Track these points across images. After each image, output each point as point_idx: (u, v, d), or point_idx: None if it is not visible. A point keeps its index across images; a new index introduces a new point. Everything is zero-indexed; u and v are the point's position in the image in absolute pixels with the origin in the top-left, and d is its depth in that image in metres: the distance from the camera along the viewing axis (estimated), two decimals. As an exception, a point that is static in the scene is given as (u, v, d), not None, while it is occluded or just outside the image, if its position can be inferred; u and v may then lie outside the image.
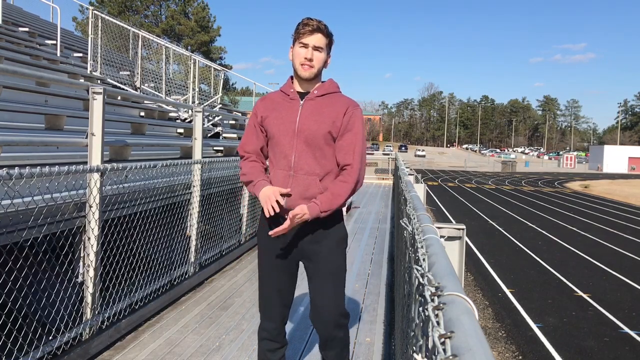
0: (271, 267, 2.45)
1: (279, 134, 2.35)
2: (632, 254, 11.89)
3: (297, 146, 2.32)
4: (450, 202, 22.60)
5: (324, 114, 2.32)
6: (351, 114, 2.34)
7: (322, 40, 2.31)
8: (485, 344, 0.71)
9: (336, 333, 2.44)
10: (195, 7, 54.77)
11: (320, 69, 2.35)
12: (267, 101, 2.47)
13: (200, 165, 5.38)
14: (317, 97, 2.37)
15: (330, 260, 2.40)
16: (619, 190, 33.70)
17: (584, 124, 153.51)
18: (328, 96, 2.38)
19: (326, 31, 2.32)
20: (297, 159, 2.32)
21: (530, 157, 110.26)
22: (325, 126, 2.31)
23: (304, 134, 2.31)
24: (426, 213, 2.20)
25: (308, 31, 2.29)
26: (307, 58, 2.29)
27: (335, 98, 2.39)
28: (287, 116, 2.35)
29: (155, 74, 11.30)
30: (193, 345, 3.71)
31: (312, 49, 2.30)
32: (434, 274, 1.09)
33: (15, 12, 13.83)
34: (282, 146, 2.35)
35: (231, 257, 6.42)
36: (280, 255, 2.42)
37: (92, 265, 3.47)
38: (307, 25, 2.29)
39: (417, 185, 4.89)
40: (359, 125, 2.36)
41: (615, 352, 6.03)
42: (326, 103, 2.35)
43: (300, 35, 2.30)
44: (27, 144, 4.18)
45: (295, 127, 2.32)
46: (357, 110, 2.38)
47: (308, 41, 2.29)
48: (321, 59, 2.33)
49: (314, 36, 2.29)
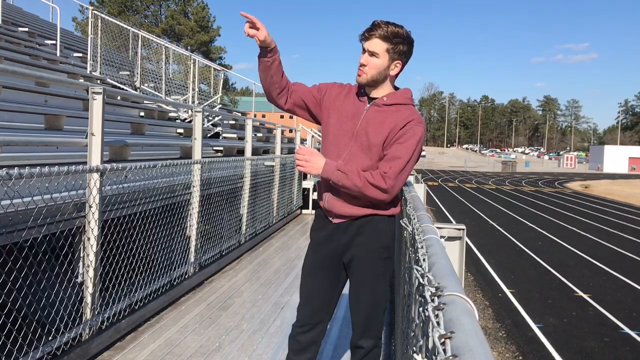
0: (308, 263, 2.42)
1: (337, 131, 2.31)
2: (632, 254, 11.89)
3: (352, 149, 2.27)
4: (450, 202, 22.60)
5: (385, 125, 2.23)
6: (409, 128, 2.20)
7: (380, 46, 2.19)
8: (486, 345, 0.71)
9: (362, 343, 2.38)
10: (195, 7, 54.79)
11: (374, 76, 2.23)
12: (340, 89, 2.39)
13: (200, 165, 5.38)
14: (384, 106, 2.27)
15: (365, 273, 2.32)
16: (619, 191, 33.69)
17: (584, 124, 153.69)
18: (396, 107, 2.27)
19: (386, 35, 2.17)
20: (347, 160, 2.27)
21: (531, 157, 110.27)
22: (381, 136, 2.22)
23: (361, 140, 2.25)
24: (426, 213, 2.20)
25: (367, 35, 2.21)
26: (360, 63, 2.23)
27: (402, 109, 2.26)
28: (349, 115, 2.30)
29: (155, 74, 11.29)
30: (193, 346, 3.71)
31: (368, 54, 2.21)
32: (434, 274, 1.08)
33: (15, 12, 13.83)
34: (337, 143, 2.31)
35: (231, 257, 6.41)
36: (319, 254, 2.38)
37: (91, 266, 3.46)
38: (369, 30, 2.21)
39: (417, 185, 4.88)
40: (413, 140, 2.19)
41: (615, 353, 6.02)
42: (391, 113, 2.25)
43: (361, 39, 2.24)
44: (27, 144, 4.18)
45: (355, 131, 2.27)
46: (418, 128, 2.22)
47: (366, 46, 2.22)
48: (376, 66, 2.21)
49: (372, 41, 2.20)
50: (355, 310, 2.40)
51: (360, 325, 2.39)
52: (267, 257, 6.77)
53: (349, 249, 2.32)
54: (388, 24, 2.19)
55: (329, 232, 2.34)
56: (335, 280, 2.40)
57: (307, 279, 2.42)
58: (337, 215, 2.32)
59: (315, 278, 2.39)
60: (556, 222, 17.08)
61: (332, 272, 2.38)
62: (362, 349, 2.39)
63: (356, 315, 2.40)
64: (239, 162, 7.06)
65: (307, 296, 2.41)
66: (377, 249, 2.30)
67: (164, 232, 4.64)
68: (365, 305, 2.35)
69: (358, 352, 2.41)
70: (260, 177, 8.01)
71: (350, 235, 2.30)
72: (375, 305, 2.36)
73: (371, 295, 2.34)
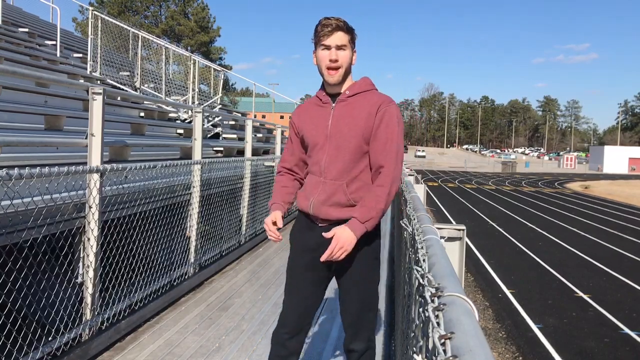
0: (294, 268, 2.39)
1: (313, 141, 2.29)
2: (632, 254, 11.89)
3: (329, 151, 2.25)
4: (450, 202, 22.60)
5: (355, 115, 2.22)
6: (384, 111, 2.20)
7: (344, 38, 2.20)
8: (486, 345, 0.71)
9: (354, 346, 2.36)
10: (195, 7, 54.82)
11: (347, 68, 2.24)
12: (300, 110, 2.42)
13: (200, 165, 5.38)
14: (348, 98, 2.26)
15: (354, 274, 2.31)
16: (619, 191, 33.69)
17: (584, 124, 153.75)
18: (360, 95, 2.27)
19: (346, 27, 2.21)
20: (326, 165, 2.25)
21: (531, 157, 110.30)
22: (357, 128, 2.20)
23: (335, 138, 2.23)
24: (426, 214, 2.20)
25: (328, 32, 2.18)
26: (331, 59, 2.19)
27: (368, 96, 2.26)
28: (320, 121, 2.28)
29: (155, 74, 11.30)
30: (193, 346, 3.71)
31: (335, 49, 2.19)
32: (434, 275, 1.08)
33: (15, 13, 13.83)
34: (315, 152, 2.29)
35: (231, 257, 6.41)
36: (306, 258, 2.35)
37: (91, 266, 3.46)
38: (325, 26, 2.19)
39: (417, 185, 4.89)
40: (393, 122, 2.21)
41: (615, 353, 6.02)
42: (359, 102, 2.24)
43: (321, 38, 2.19)
44: (27, 144, 4.18)
45: (327, 132, 2.25)
46: (391, 107, 2.23)
47: (330, 42, 2.19)
48: (346, 57, 2.22)
49: (335, 35, 2.18)
50: (346, 313, 2.37)
51: (352, 327, 2.36)
52: (267, 258, 6.77)
53: None
54: (339, 18, 2.23)
55: (317, 235, 2.30)
56: (323, 283, 2.40)
57: (296, 283, 2.38)
58: (323, 220, 2.30)
59: (304, 282, 2.36)
60: (556, 222, 17.07)
61: (321, 275, 2.36)
62: (355, 353, 2.36)
63: (347, 318, 2.37)
64: (239, 163, 7.07)
65: (296, 300, 2.37)
66: (365, 249, 2.28)
67: (164, 232, 4.64)
68: (357, 307, 2.34)
69: (352, 357, 2.39)
70: (260, 177, 8.01)
71: None
72: (366, 306, 2.35)
73: (362, 296, 2.33)
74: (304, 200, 2.34)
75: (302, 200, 2.36)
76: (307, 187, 2.34)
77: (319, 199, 2.26)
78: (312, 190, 2.30)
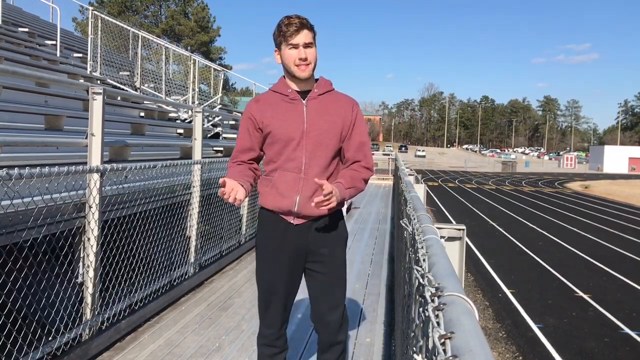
0: (271, 270, 2.37)
1: (287, 137, 2.26)
2: (632, 254, 11.89)
3: (307, 147, 2.26)
4: (450, 202, 22.60)
5: (332, 113, 2.31)
6: (356, 112, 2.39)
7: (310, 35, 2.22)
8: (486, 345, 0.71)
9: (340, 337, 2.42)
10: (195, 7, 54.81)
11: (315, 64, 2.28)
12: (262, 104, 2.34)
13: (200, 165, 5.38)
14: (319, 96, 2.32)
15: (335, 262, 2.37)
16: (619, 191, 33.69)
17: (584, 124, 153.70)
18: (328, 94, 2.36)
19: (309, 25, 2.24)
20: (307, 161, 2.26)
21: (531, 157, 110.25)
22: (337, 125, 2.30)
23: (314, 134, 2.26)
24: (426, 213, 2.20)
25: (294, 30, 2.18)
26: (301, 58, 2.20)
27: (336, 96, 2.39)
28: (292, 117, 2.27)
29: (155, 74, 11.30)
30: (193, 346, 3.71)
31: (303, 47, 2.20)
32: (434, 275, 1.08)
33: (15, 13, 13.83)
34: (289, 148, 2.27)
35: (231, 257, 6.41)
36: (282, 257, 2.34)
37: (91, 266, 3.46)
38: (290, 25, 2.19)
39: (417, 185, 4.89)
40: (363, 122, 2.42)
41: (615, 353, 6.02)
42: (330, 101, 2.33)
43: (287, 37, 2.19)
44: (27, 144, 4.18)
45: (303, 128, 2.26)
46: (358, 107, 2.44)
47: (297, 40, 2.19)
48: (314, 54, 2.25)
49: (302, 34, 2.19)
50: (330, 307, 2.38)
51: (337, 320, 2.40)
52: (267, 258, 6.76)
53: (316, 246, 2.34)
54: (301, 16, 2.25)
55: (292, 234, 2.31)
56: (297, 281, 2.44)
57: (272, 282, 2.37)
58: (302, 217, 2.31)
59: (282, 280, 2.37)
60: (556, 222, 17.08)
61: (296, 273, 2.40)
62: (340, 344, 2.43)
63: (332, 313, 2.38)
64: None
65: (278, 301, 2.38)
66: (340, 242, 2.41)
67: (164, 232, 4.64)
68: (340, 299, 2.41)
69: (336, 349, 2.43)
70: (260, 177, 7.99)
71: (314, 233, 2.33)
72: (345, 296, 2.46)
73: (343, 288, 2.44)
74: (279, 199, 2.30)
75: (277, 199, 2.30)
76: (281, 185, 2.29)
77: (305, 195, 2.27)
78: (290, 188, 2.28)
